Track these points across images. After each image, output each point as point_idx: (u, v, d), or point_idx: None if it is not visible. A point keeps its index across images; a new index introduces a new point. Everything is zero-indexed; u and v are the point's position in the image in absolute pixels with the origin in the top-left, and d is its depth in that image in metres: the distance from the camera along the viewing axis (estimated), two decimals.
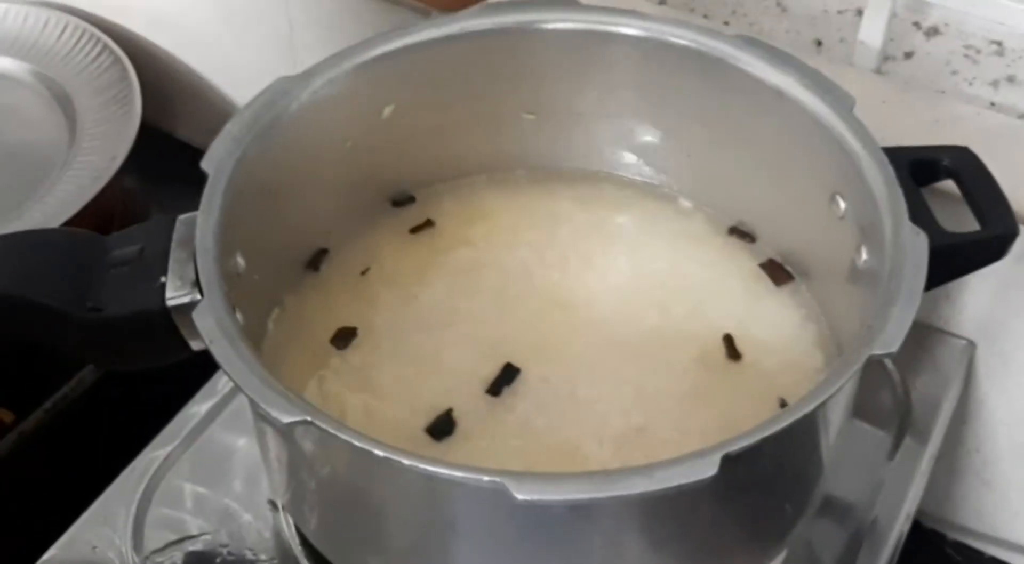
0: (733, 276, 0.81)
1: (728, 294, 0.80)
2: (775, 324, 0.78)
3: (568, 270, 0.81)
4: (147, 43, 1.16)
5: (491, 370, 0.75)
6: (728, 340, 0.77)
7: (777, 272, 0.81)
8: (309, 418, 0.58)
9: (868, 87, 0.87)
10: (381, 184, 0.84)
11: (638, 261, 0.82)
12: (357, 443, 0.58)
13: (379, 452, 0.57)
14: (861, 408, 0.81)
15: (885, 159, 0.69)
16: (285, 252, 0.78)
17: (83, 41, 1.11)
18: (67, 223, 0.97)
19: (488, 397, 0.74)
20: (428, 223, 0.83)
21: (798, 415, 0.59)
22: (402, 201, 0.85)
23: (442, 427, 0.72)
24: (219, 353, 0.61)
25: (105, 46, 1.10)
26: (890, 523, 0.80)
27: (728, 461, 0.57)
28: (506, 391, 0.74)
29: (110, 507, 0.79)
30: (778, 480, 0.66)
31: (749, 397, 0.74)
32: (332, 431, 0.58)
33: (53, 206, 0.97)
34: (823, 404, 0.60)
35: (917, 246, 0.66)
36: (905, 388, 0.88)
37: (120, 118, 1.04)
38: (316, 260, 0.81)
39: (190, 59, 1.15)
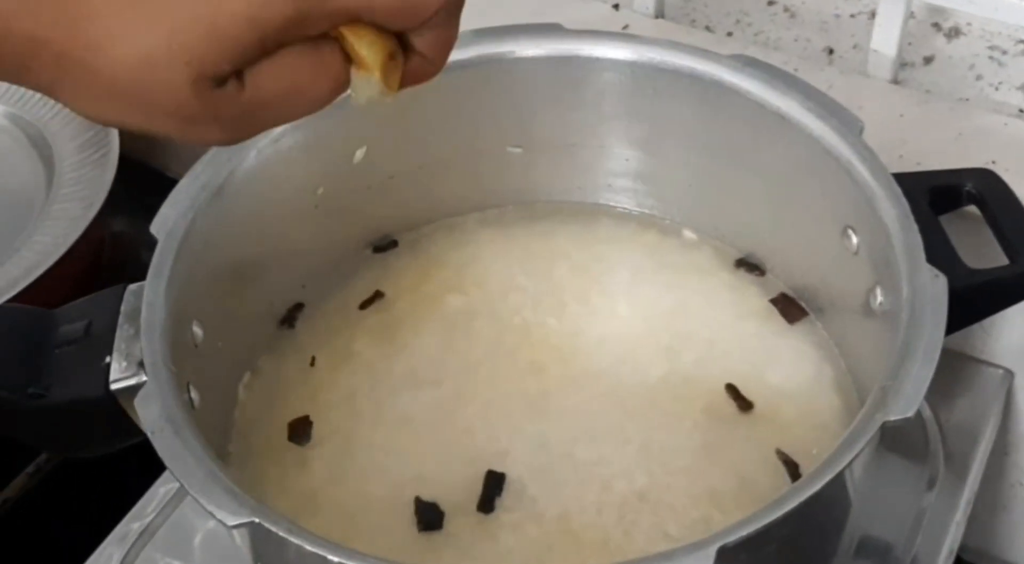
0: (744, 314, 0.75)
1: (739, 335, 0.74)
2: (790, 367, 0.73)
3: (565, 316, 0.76)
4: None
5: (484, 441, 0.70)
6: (733, 390, 0.71)
7: (790, 308, 0.75)
8: (256, 519, 0.53)
9: (884, 99, 0.81)
10: (360, 231, 0.79)
11: (642, 301, 0.76)
12: (308, 547, 0.52)
13: (333, 557, 0.52)
14: (894, 442, 0.77)
15: (898, 191, 0.63)
16: (254, 313, 0.73)
17: None
18: (47, 274, 0.92)
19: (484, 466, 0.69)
20: (377, 295, 0.78)
21: (805, 495, 0.53)
22: (384, 246, 0.80)
23: (428, 516, 0.67)
24: (161, 446, 0.56)
25: None
26: (932, 558, 0.74)
27: (726, 553, 0.51)
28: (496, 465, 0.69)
29: None
30: (790, 557, 0.60)
31: (763, 452, 0.69)
32: (282, 534, 0.52)
33: (29, 258, 0.92)
34: (834, 479, 0.54)
35: (936, 291, 0.60)
36: (938, 421, 0.81)
37: (99, 161, 0.99)
38: (291, 316, 0.76)
39: None
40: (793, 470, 0.67)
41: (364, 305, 0.77)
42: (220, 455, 0.67)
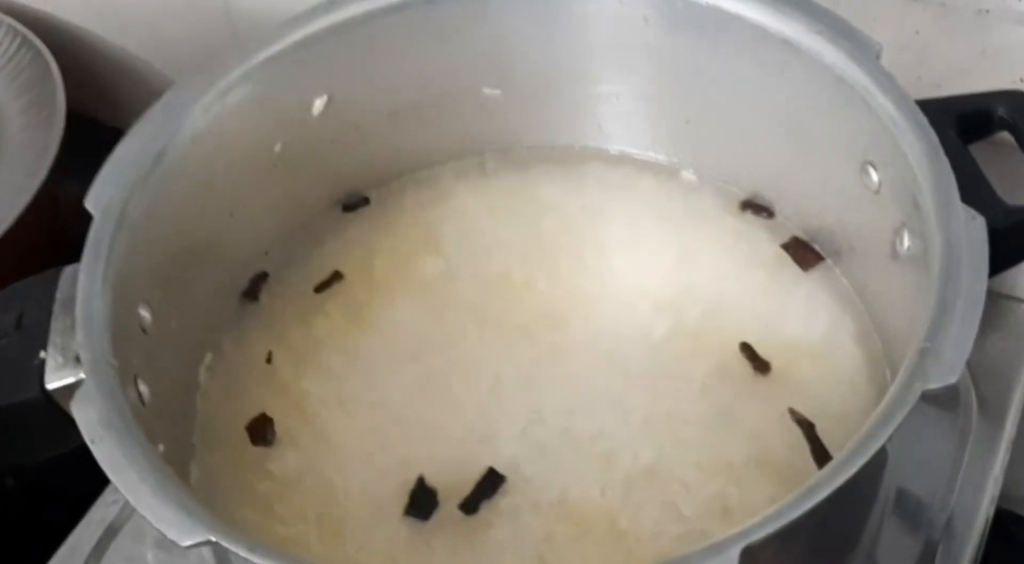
0: (752, 263, 0.69)
1: (748, 286, 0.68)
2: (806, 320, 0.66)
3: (556, 274, 0.69)
4: (74, 29, 1.03)
5: (471, 419, 0.64)
6: (748, 349, 0.64)
7: (803, 253, 0.68)
8: (213, 538, 0.47)
9: (897, 15, 0.73)
10: (326, 189, 0.72)
11: (639, 254, 0.70)
12: None
13: None
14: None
15: (924, 121, 0.57)
16: (211, 287, 0.67)
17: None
18: None
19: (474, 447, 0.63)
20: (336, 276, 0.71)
21: (838, 482, 0.47)
22: (354, 204, 0.73)
23: (422, 502, 0.61)
24: (102, 457, 0.50)
25: (24, 40, 0.97)
26: (970, 515, 0.67)
27: (751, 552, 0.44)
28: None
29: None
30: (820, 541, 0.53)
31: (781, 416, 0.62)
32: (243, 555, 0.46)
33: None
34: (871, 460, 0.47)
35: (973, 235, 0.53)
36: (968, 364, 0.74)
37: (44, 121, 0.91)
38: (254, 288, 0.70)
39: (124, 42, 1.03)
40: (809, 431, 0.61)
41: (333, 273, 0.71)
42: (182, 449, 0.63)
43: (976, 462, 0.69)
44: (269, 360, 0.66)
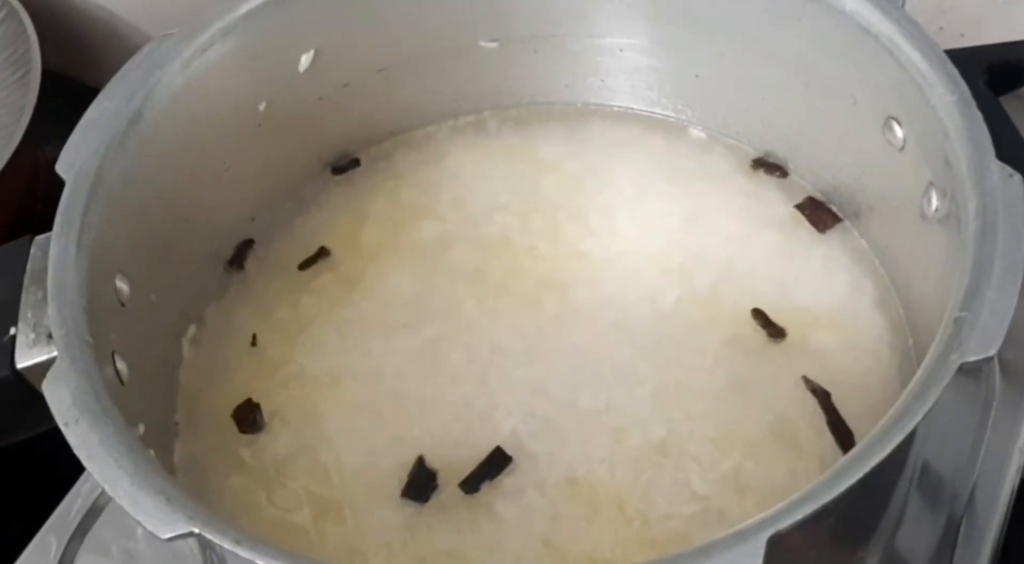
0: (765, 224, 0.66)
1: (761, 249, 0.65)
2: (822, 284, 0.64)
3: (559, 238, 0.66)
4: None
5: (472, 393, 0.61)
6: (761, 316, 0.62)
7: (820, 214, 0.66)
8: (196, 529, 0.43)
9: None
10: (314, 150, 0.70)
11: (646, 216, 0.67)
12: (260, 562, 0.42)
13: None
14: None
15: (955, 73, 0.54)
16: (194, 256, 0.64)
17: None
18: None
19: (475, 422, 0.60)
20: (322, 252, 0.67)
21: (869, 465, 0.43)
22: (344, 166, 0.71)
23: (421, 483, 0.58)
24: (76, 441, 0.46)
25: None
26: (994, 487, 0.64)
27: (777, 541, 0.41)
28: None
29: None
30: (846, 524, 0.50)
31: (798, 386, 0.60)
32: (227, 547, 0.42)
33: None
34: (904, 440, 0.43)
35: (1011, 194, 0.50)
36: None
37: (20, 81, 0.87)
38: (240, 256, 0.67)
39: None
40: (824, 400, 0.59)
41: (320, 250, 0.67)
42: (164, 429, 0.60)
43: (1000, 431, 0.65)
44: (254, 343, 0.63)
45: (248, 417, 0.59)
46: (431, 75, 0.69)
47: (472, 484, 0.57)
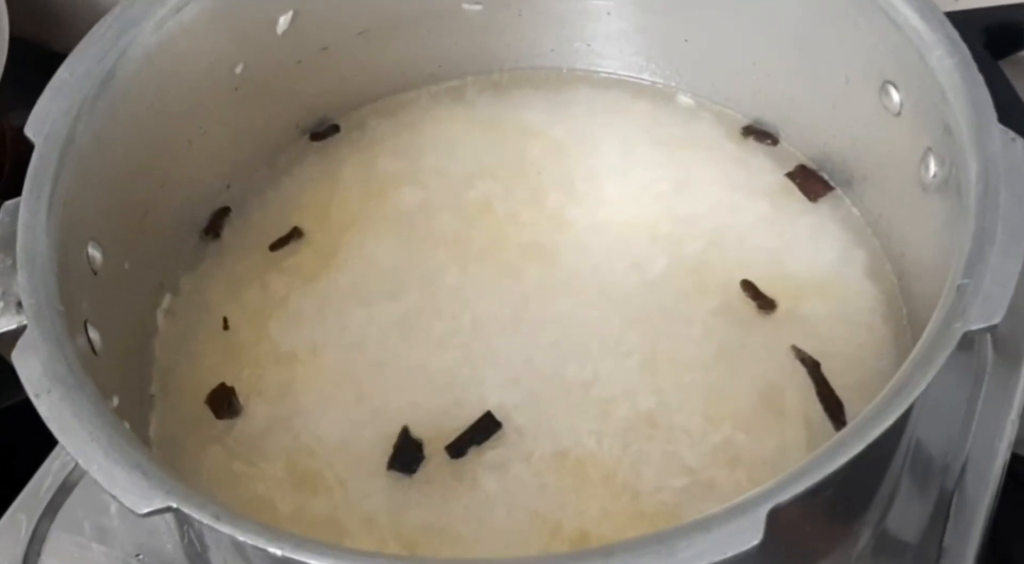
0: (755, 193, 0.65)
1: (751, 218, 0.64)
2: (814, 254, 0.63)
3: (544, 205, 0.65)
4: None
5: (455, 364, 0.59)
6: (751, 287, 0.61)
7: (811, 182, 0.65)
8: (174, 504, 0.42)
9: None
10: (292, 115, 0.69)
11: (633, 184, 0.66)
12: (240, 537, 0.41)
13: (274, 550, 0.40)
14: None
15: (955, 34, 0.53)
16: (169, 224, 0.63)
17: None
18: None
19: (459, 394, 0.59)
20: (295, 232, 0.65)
21: (871, 437, 0.42)
22: (323, 132, 0.69)
23: (407, 455, 0.56)
24: (48, 413, 0.44)
25: None
26: (986, 462, 0.63)
27: (777, 515, 0.40)
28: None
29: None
30: (842, 498, 0.49)
31: (791, 358, 0.59)
32: (207, 522, 0.41)
33: None
34: (906, 411, 0.42)
35: (1014, 159, 0.49)
36: None
37: None
38: (215, 224, 0.66)
39: None
40: (814, 370, 0.58)
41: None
42: (139, 401, 0.58)
43: (992, 404, 0.64)
44: (226, 326, 0.61)
45: (223, 403, 0.58)
46: (413, 38, 0.68)
47: (458, 449, 0.56)
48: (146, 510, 0.42)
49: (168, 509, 0.42)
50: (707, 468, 0.55)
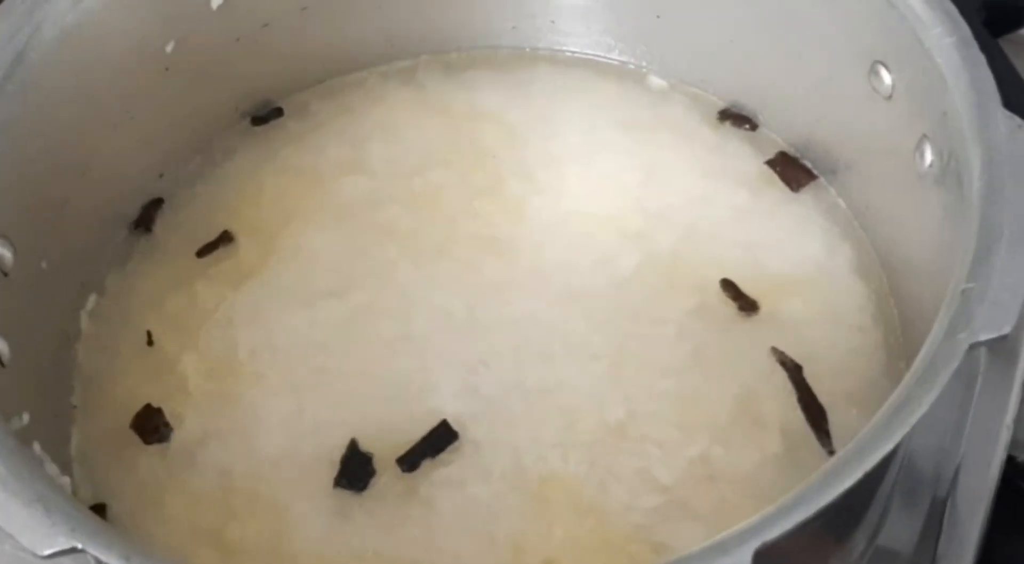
0: (733, 182, 0.63)
1: (729, 209, 0.62)
2: (796, 248, 0.60)
3: (504, 196, 0.62)
4: None
5: (406, 370, 0.56)
6: (731, 287, 0.58)
7: (793, 171, 0.63)
8: (79, 544, 0.38)
9: None
10: (231, 97, 0.66)
11: (601, 172, 0.63)
12: None
13: None
14: None
15: (954, 11, 0.50)
16: (93, 218, 0.59)
17: None
18: None
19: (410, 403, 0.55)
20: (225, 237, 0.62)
21: (866, 466, 0.39)
22: (265, 116, 0.67)
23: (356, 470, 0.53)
24: None
25: None
26: (980, 467, 0.60)
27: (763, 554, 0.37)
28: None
29: None
30: (834, 518, 0.45)
31: (772, 363, 0.56)
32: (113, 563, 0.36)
33: None
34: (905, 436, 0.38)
35: (1019, 147, 0.46)
36: None
37: None
38: (147, 217, 0.62)
39: None
40: (795, 374, 0.55)
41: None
42: (57, 414, 0.54)
43: (985, 408, 0.61)
44: (151, 342, 0.57)
45: (150, 426, 0.54)
46: (360, 14, 0.66)
47: (411, 462, 0.52)
48: (48, 552, 0.38)
49: (73, 550, 0.38)
50: (681, 485, 0.52)
